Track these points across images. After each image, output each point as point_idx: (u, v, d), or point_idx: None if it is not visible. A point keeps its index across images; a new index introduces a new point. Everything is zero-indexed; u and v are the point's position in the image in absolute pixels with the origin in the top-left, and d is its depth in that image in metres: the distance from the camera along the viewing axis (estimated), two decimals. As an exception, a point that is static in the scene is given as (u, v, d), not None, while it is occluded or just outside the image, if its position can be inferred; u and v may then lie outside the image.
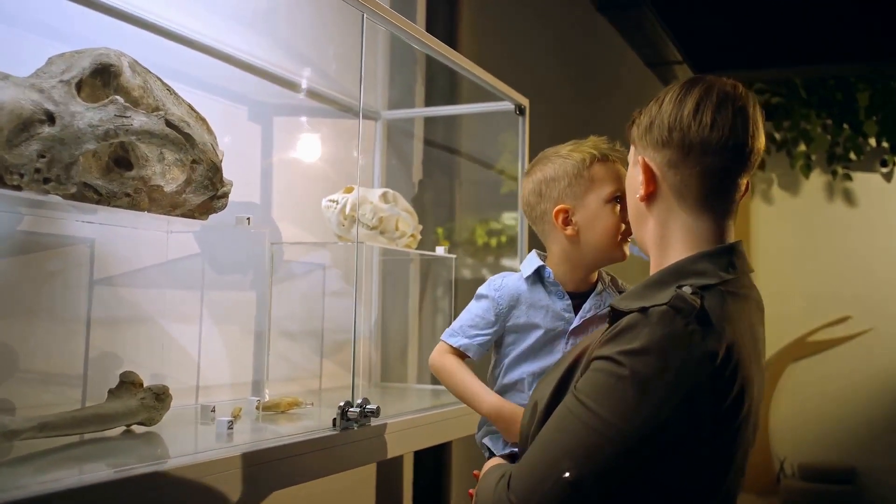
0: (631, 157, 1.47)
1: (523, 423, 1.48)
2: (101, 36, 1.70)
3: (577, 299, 1.71)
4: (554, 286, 1.71)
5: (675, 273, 1.34)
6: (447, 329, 1.75)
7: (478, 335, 1.71)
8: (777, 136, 6.60)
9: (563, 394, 1.36)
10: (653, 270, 1.42)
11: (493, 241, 3.25)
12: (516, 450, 1.61)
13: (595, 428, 1.24)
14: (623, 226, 1.66)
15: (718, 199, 1.37)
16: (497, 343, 1.74)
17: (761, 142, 1.37)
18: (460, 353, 1.71)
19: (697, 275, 1.32)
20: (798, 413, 6.36)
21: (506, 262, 3.26)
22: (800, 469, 6.24)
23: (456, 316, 1.77)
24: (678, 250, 1.37)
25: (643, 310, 1.26)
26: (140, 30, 1.82)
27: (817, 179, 6.66)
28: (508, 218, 3.27)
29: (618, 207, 1.66)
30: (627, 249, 1.71)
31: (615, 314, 1.33)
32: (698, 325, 1.24)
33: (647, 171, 1.38)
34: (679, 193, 1.37)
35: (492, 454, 1.69)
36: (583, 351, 1.40)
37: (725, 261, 1.35)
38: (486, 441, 1.72)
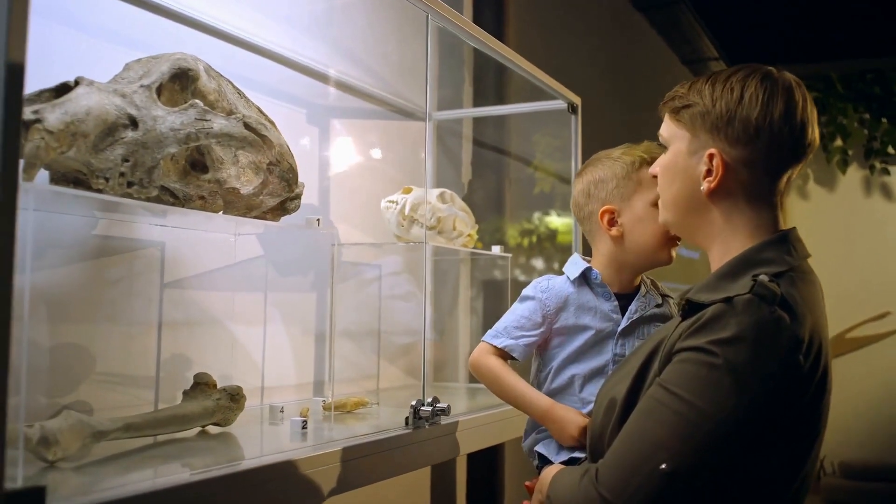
0: (680, 141, 1.41)
1: (596, 422, 1.47)
2: (167, 42, 1.72)
3: (622, 301, 1.71)
4: (601, 287, 1.70)
5: (745, 263, 1.34)
6: (489, 331, 1.73)
7: (523, 336, 1.70)
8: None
9: (640, 389, 1.36)
10: (715, 263, 1.41)
11: (547, 244, 3.25)
12: (576, 454, 1.61)
13: (690, 418, 1.24)
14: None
15: (775, 189, 1.39)
16: (541, 346, 1.72)
17: (817, 133, 1.40)
18: (503, 354, 1.70)
19: (766, 263, 1.33)
20: (838, 410, 6.17)
21: (557, 263, 3.25)
22: (840, 467, 6.17)
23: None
24: (742, 241, 1.38)
25: (727, 300, 1.26)
26: (199, 34, 1.83)
27: (854, 174, 6.59)
28: (557, 218, 3.26)
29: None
30: (674, 253, 1.70)
31: (692, 307, 1.33)
32: (783, 311, 1.25)
33: (723, 165, 1.36)
34: (748, 187, 1.37)
35: (545, 461, 1.65)
36: (656, 346, 1.40)
37: (787, 247, 1.36)
38: (538, 449, 1.68)
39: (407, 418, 1.62)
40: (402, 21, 2.43)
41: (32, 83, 1.30)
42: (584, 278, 1.71)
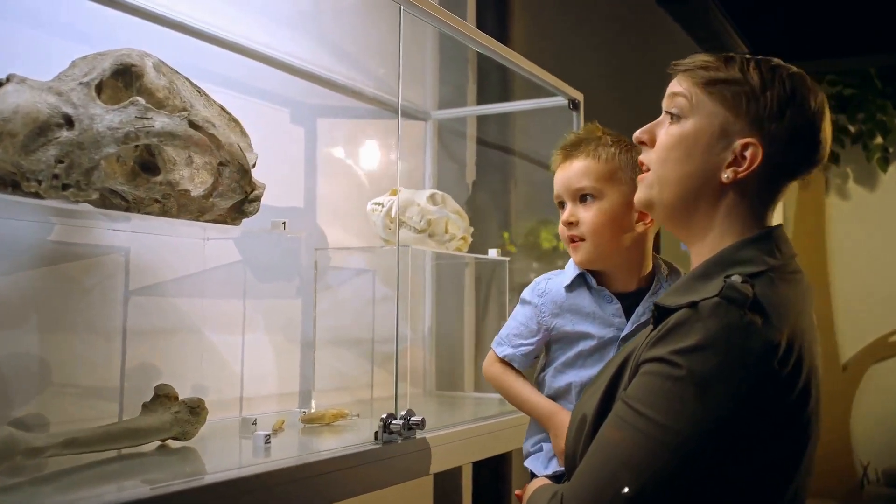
0: (710, 118, 1.27)
1: (569, 439, 1.37)
2: (143, 41, 1.65)
3: (628, 300, 1.58)
4: (599, 290, 1.59)
5: (720, 263, 1.23)
6: (496, 336, 1.67)
7: (522, 345, 1.62)
8: (851, 128, 6.34)
9: (610, 404, 1.26)
10: (697, 260, 1.30)
11: (548, 244, 3.15)
12: (560, 468, 1.52)
13: (652, 435, 1.13)
14: (562, 227, 1.61)
15: (783, 191, 1.30)
16: (545, 346, 1.64)
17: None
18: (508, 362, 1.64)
19: (743, 263, 1.21)
20: (881, 416, 6.09)
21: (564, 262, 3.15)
22: (884, 475, 5.97)
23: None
24: (730, 236, 1.26)
25: (692, 304, 1.15)
26: (181, 35, 1.78)
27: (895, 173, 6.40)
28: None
29: (561, 211, 1.62)
30: (571, 252, 1.61)
31: (661, 312, 1.22)
32: (755, 314, 1.13)
33: (761, 158, 1.24)
34: (765, 186, 1.27)
35: (534, 475, 1.59)
36: (627, 356, 1.29)
37: (768, 246, 1.24)
38: (527, 464, 1.62)
39: (376, 433, 1.53)
40: (390, 18, 2.35)
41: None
42: (582, 280, 1.61)
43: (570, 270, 1.63)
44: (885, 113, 6.27)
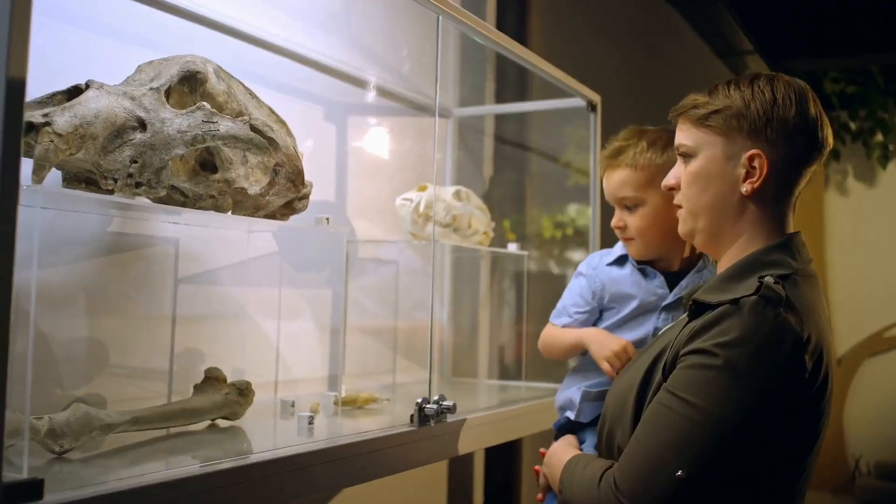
0: (712, 147, 1.42)
1: (605, 417, 1.50)
2: (182, 42, 1.75)
3: (673, 278, 1.77)
4: (641, 267, 1.78)
5: (751, 265, 1.38)
6: (553, 311, 1.85)
7: (578, 313, 1.80)
8: (853, 125, 6.43)
9: (646, 388, 1.41)
10: (723, 265, 1.44)
11: (559, 233, 3.25)
12: (568, 414, 1.73)
13: (699, 422, 1.27)
14: (615, 228, 1.80)
15: (796, 190, 1.44)
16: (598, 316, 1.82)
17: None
18: None
19: (773, 265, 1.36)
20: (874, 410, 6.21)
21: (578, 256, 3.25)
22: (876, 467, 6.09)
23: (528, 312, 1.83)
24: (757, 242, 1.41)
25: (733, 301, 1.29)
26: (219, 34, 1.87)
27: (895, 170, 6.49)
28: (579, 212, 3.26)
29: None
30: (626, 245, 1.80)
31: (699, 307, 1.36)
32: (788, 313, 1.28)
33: (768, 165, 1.38)
34: (780, 187, 1.41)
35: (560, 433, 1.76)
36: (664, 347, 1.41)
37: (791, 251, 1.40)
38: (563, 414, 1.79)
39: (412, 416, 1.64)
40: (418, 18, 2.44)
41: (47, 86, 1.35)
42: (627, 258, 1.80)
43: (618, 249, 1.83)
44: (886, 110, 6.36)
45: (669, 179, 1.51)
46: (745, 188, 1.39)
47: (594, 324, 1.80)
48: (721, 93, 1.42)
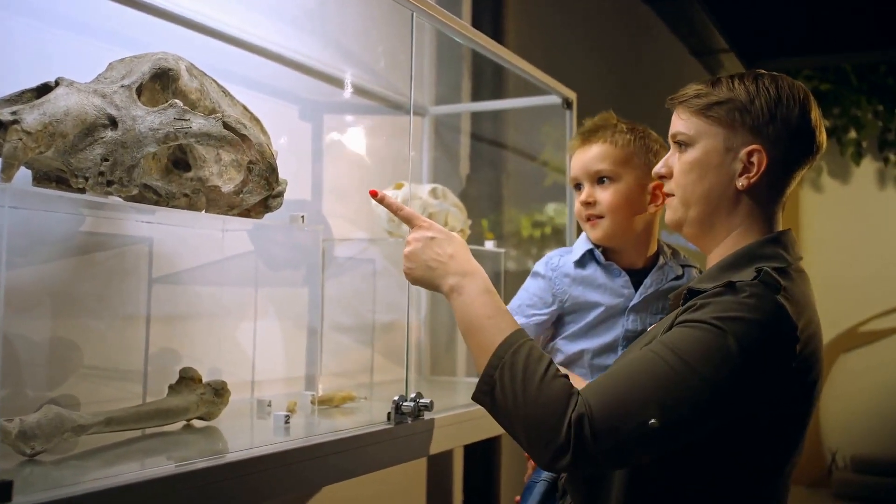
0: (712, 138, 1.41)
1: None
2: (156, 39, 1.74)
3: (636, 276, 1.73)
4: (607, 265, 1.73)
5: (747, 256, 1.38)
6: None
7: (535, 314, 1.74)
8: (826, 123, 6.47)
9: None
10: (717, 255, 1.45)
11: (538, 232, 3.26)
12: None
13: (687, 381, 1.24)
14: (580, 207, 1.75)
15: (789, 189, 1.45)
16: (557, 317, 1.76)
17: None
18: None
19: (768, 258, 1.37)
20: (849, 404, 6.28)
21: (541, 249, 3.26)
22: (852, 461, 6.16)
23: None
24: (748, 237, 1.42)
25: (730, 284, 1.29)
26: (193, 32, 1.85)
27: (868, 167, 6.56)
28: (555, 210, 3.27)
29: (577, 193, 1.77)
30: (588, 229, 1.75)
31: (693, 294, 1.36)
32: (785, 301, 1.28)
33: (766, 161, 1.38)
34: (775, 185, 1.41)
35: None
36: (651, 340, 1.40)
37: (784, 247, 1.40)
38: None
39: (389, 413, 1.63)
40: (394, 15, 2.44)
41: (16, 83, 1.33)
42: (591, 256, 1.75)
43: (580, 247, 1.77)
44: (859, 108, 6.43)
45: (660, 168, 1.49)
46: (741, 183, 1.39)
47: (553, 327, 1.77)
48: (725, 85, 1.42)
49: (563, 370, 1.69)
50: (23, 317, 1.51)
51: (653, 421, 1.23)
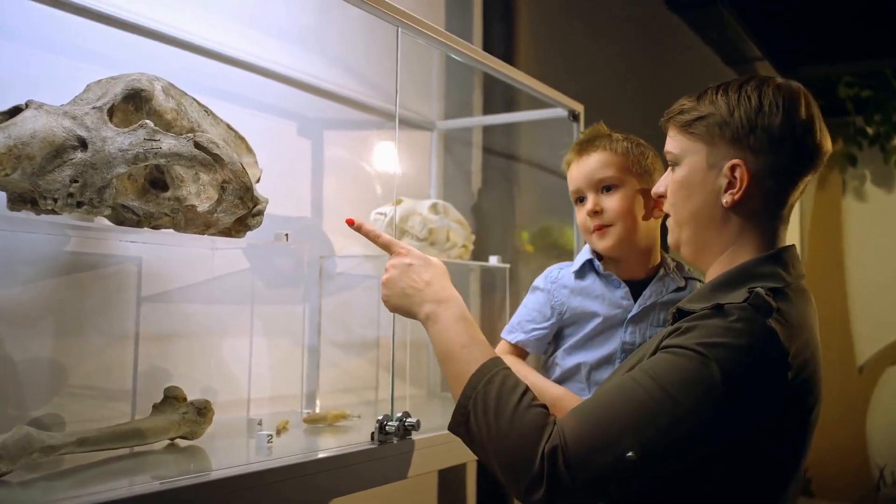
0: (695, 155, 1.37)
1: None
2: (154, 62, 1.75)
3: (637, 287, 1.70)
4: (606, 275, 1.70)
5: (741, 276, 1.32)
6: (506, 325, 1.77)
7: (535, 329, 1.72)
8: (869, 130, 6.34)
9: None
10: (714, 273, 1.39)
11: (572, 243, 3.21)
12: None
13: (668, 411, 1.19)
14: (585, 219, 1.71)
15: (789, 200, 1.37)
16: (555, 334, 1.74)
17: (829, 140, 1.38)
18: (520, 349, 1.74)
19: (764, 277, 1.30)
20: (896, 420, 6.10)
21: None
22: (900, 478, 5.99)
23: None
24: (747, 256, 1.35)
25: (718, 306, 1.24)
26: (189, 53, 1.87)
27: (913, 174, 6.40)
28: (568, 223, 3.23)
29: (579, 206, 1.73)
30: (596, 240, 1.70)
31: (682, 315, 1.31)
32: (777, 324, 1.22)
33: (748, 175, 1.32)
34: (768, 197, 1.35)
35: None
36: (641, 358, 1.35)
37: (783, 265, 1.33)
38: None
39: (372, 433, 1.61)
40: (389, 30, 2.43)
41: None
42: (591, 267, 1.72)
43: (579, 259, 1.75)
44: (901, 115, 6.28)
45: (659, 187, 1.46)
46: (726, 199, 1.34)
47: (553, 342, 1.75)
48: (708, 98, 1.37)
49: (557, 389, 1.68)
50: (8, 337, 1.52)
51: (630, 453, 1.17)
